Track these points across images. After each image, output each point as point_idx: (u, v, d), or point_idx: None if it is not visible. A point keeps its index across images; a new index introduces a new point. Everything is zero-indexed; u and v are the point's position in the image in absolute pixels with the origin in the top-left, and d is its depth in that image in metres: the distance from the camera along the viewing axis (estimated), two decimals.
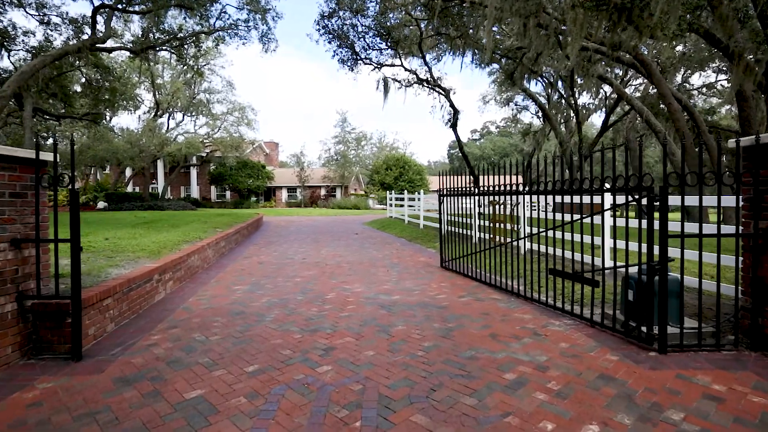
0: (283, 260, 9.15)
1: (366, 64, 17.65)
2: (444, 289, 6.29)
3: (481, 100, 38.38)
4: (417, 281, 6.91)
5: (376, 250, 10.71)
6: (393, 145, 64.50)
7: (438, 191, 8.17)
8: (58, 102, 19.00)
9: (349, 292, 6.17)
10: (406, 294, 6.04)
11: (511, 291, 5.92)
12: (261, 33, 20.05)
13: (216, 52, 32.33)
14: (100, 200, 31.27)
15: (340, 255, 9.89)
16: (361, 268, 8.10)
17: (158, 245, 7.83)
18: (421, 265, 8.58)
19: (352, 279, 7.12)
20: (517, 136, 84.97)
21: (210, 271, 7.91)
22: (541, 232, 6.30)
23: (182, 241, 8.69)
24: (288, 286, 6.55)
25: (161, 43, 17.98)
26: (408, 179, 42.72)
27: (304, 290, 6.31)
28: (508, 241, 6.33)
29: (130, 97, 24.55)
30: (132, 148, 29.36)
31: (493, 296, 5.87)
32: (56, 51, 15.14)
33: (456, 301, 5.60)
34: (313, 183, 44.64)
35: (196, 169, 40.77)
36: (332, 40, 16.54)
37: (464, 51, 18.53)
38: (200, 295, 6.03)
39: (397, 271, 7.88)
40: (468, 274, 7.15)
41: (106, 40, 17.06)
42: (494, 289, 6.23)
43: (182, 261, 6.80)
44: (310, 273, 7.66)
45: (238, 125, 35.93)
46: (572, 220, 4.77)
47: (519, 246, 6.95)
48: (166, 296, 5.98)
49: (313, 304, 5.55)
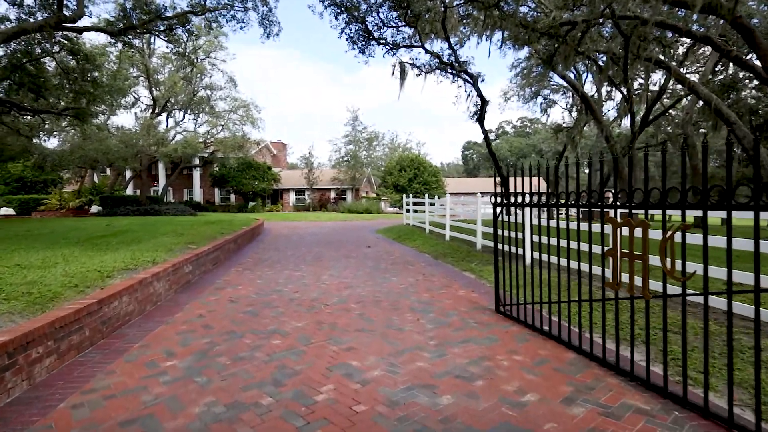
0: (266, 295, 6.45)
1: (380, 44, 14.93)
2: (527, 377, 3.52)
3: (502, 97, 35.38)
4: (471, 349, 4.15)
5: (395, 275, 7.97)
6: (406, 145, 61.88)
7: (495, 195, 5.39)
8: (25, 92, 16.58)
9: (356, 382, 3.44)
10: (462, 391, 3.28)
11: (669, 391, 3.12)
12: (261, 15, 17.43)
13: (216, 44, 29.94)
14: (95, 204, 29.07)
15: (347, 284, 7.16)
16: (377, 315, 5.37)
17: (76, 279, 5.18)
18: (464, 304, 5.82)
19: (362, 342, 4.38)
20: (535, 136, 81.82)
21: (148, 320, 5.22)
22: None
23: (122, 269, 6.05)
24: (255, 364, 3.83)
25: (142, 24, 15.45)
26: (423, 181, 39.88)
27: (280, 375, 3.59)
28: (644, 291, 3.52)
29: (118, 90, 22.13)
30: (126, 148, 27.00)
31: (633, 401, 3.08)
32: (10, 28, 12.69)
33: (568, 424, 2.83)
34: (323, 185, 41.98)
35: (199, 171, 38.38)
36: (339, 13, 13.85)
37: (493, 30, 15.74)
38: (75, 403, 3.34)
39: (432, 319, 5.13)
40: (554, 334, 4.36)
41: (78, 20, 14.58)
42: (623, 379, 3.43)
43: (78, 318, 4.11)
44: (298, 326, 4.93)
45: (242, 124, 33.42)
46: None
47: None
48: (11, 400, 3.31)
49: (289, 421, 2.84)
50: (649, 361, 3.26)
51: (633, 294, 3.29)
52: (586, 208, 3.91)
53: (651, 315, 4.88)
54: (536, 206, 4.57)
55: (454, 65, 15.90)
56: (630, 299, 3.34)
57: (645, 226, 3.14)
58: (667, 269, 3.02)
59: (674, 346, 3.99)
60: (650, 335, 3.47)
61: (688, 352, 3.72)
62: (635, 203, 3.35)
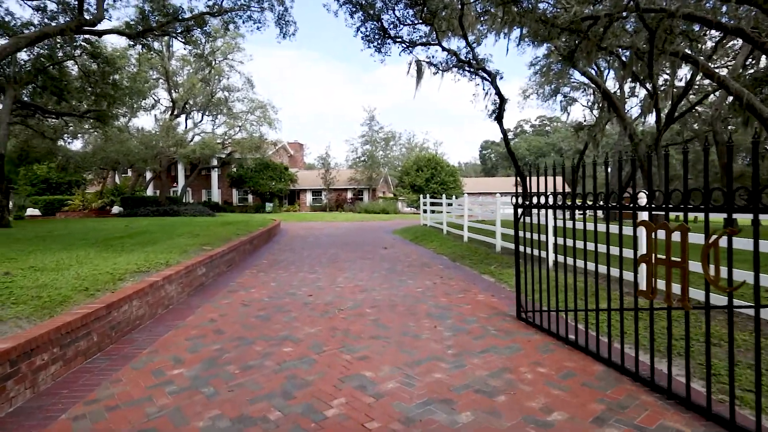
0: (279, 298, 6.31)
1: (396, 42, 14.70)
2: (553, 392, 3.27)
3: (520, 95, 34.77)
4: (491, 360, 3.91)
5: (412, 278, 7.76)
6: (423, 145, 61.42)
7: (517, 195, 5.13)
8: (47, 95, 16.85)
9: (370, 395, 3.24)
10: (482, 407, 3.05)
11: (713, 412, 2.83)
12: (277, 15, 17.41)
13: (234, 45, 30.12)
14: (116, 205, 29.57)
15: (362, 287, 6.98)
16: (392, 320, 5.17)
17: (87, 282, 5.12)
18: (484, 310, 5.58)
19: (377, 350, 4.18)
20: (555, 135, 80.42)
21: (158, 324, 5.13)
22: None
23: (134, 271, 5.98)
24: (265, 374, 3.66)
25: (160, 26, 15.56)
26: (440, 181, 39.46)
27: (289, 386, 3.42)
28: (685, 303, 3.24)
29: (138, 92, 22.39)
30: (146, 149, 27.36)
31: (672, 423, 2.81)
32: (33, 33, 12.88)
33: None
34: (339, 185, 41.94)
35: (217, 172, 38.74)
36: (355, 11, 13.68)
37: (512, 26, 15.37)
38: (77, 414, 3.22)
39: (450, 326, 4.90)
40: (581, 344, 4.09)
41: (98, 23, 14.76)
42: (659, 397, 3.15)
43: (86, 323, 4.02)
44: (311, 332, 4.76)
45: (260, 125, 33.56)
46: None
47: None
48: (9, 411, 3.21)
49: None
50: (689, 377, 2.98)
51: (671, 304, 3.01)
52: (616, 210, 3.64)
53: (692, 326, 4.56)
54: (561, 208, 4.30)
55: (471, 63, 15.58)
56: (667, 309, 3.06)
57: (684, 230, 2.86)
58: (710, 278, 2.74)
59: (715, 360, 3.68)
60: (689, 348, 3.18)
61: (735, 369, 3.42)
62: (672, 205, 3.07)
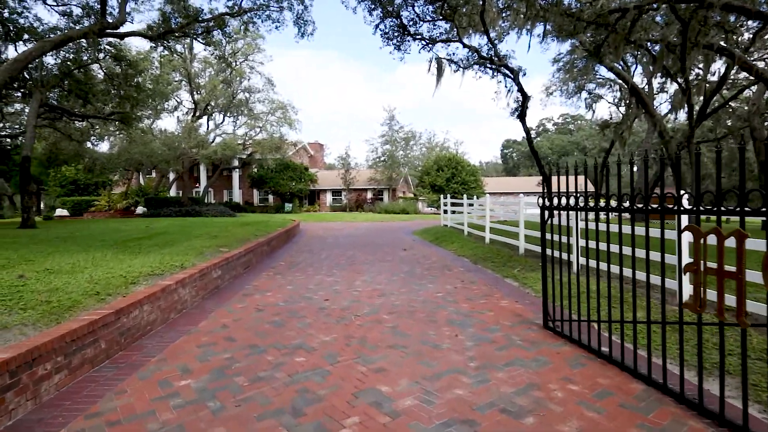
0: (295, 303, 6.12)
1: (416, 39, 14.42)
2: (587, 414, 2.96)
3: (543, 92, 33.80)
4: (517, 374, 3.62)
5: (432, 281, 7.48)
6: (443, 144, 60.82)
7: (543, 196, 4.81)
8: (73, 98, 17.18)
9: (385, 413, 2.99)
10: (510, 430, 2.77)
11: None
12: (296, 14, 17.36)
13: (254, 46, 30.29)
14: (140, 205, 30.11)
15: (381, 291, 6.75)
16: (411, 327, 4.91)
17: (99, 286, 5.02)
18: (508, 317, 5.27)
19: (394, 361, 3.93)
20: (579, 133, 78.66)
21: (170, 329, 4.99)
22: None
23: (148, 274, 5.88)
24: (275, 386, 3.46)
25: (180, 27, 15.66)
26: (461, 180, 38.90)
27: (300, 401, 3.20)
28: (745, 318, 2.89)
29: (160, 94, 22.70)
30: (169, 150, 27.77)
31: None
32: (57, 36, 13.09)
33: None
34: (359, 186, 41.84)
35: (238, 172, 39.12)
36: (374, 8, 13.45)
37: (535, 22, 14.90)
38: (77, 429, 3.06)
39: (472, 334, 4.62)
40: (616, 358, 3.76)
41: (120, 26, 14.94)
42: (709, 423, 2.80)
43: (93, 330, 3.89)
44: (325, 340, 4.55)
45: (280, 125, 33.70)
46: None
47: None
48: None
49: None
50: (746, 402, 2.63)
51: (724, 320, 2.67)
52: (656, 213, 3.31)
53: (736, 341, 4.17)
54: (593, 210, 3.97)
55: (493, 60, 15.17)
56: (719, 325, 2.73)
57: (741, 237, 2.53)
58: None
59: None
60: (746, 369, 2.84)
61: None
62: (726, 209, 2.72)
